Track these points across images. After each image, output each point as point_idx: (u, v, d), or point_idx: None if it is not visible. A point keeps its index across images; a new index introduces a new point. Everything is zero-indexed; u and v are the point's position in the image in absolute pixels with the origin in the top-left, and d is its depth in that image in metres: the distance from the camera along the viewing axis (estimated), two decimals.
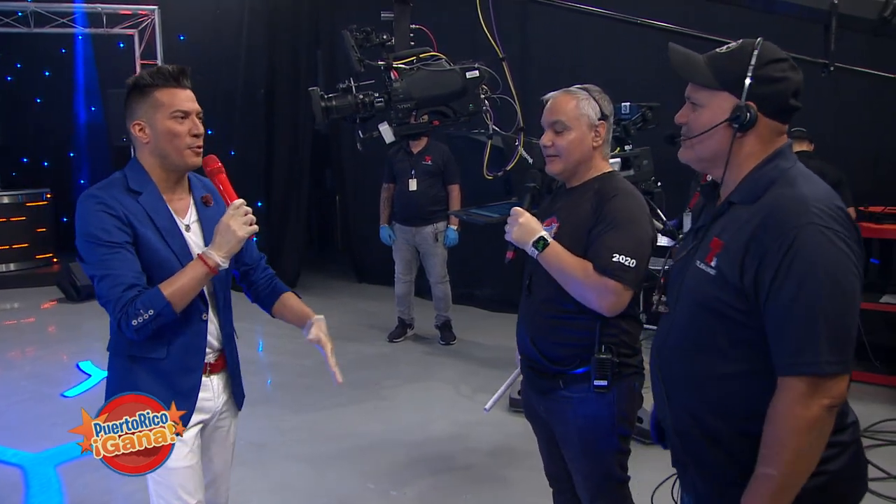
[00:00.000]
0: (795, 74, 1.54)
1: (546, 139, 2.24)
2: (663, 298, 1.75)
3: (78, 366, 5.44)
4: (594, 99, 2.24)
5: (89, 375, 5.24)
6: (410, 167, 5.60)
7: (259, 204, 7.61)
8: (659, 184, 3.41)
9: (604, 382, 2.15)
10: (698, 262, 1.58)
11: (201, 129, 2.03)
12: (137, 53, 8.22)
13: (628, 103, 3.45)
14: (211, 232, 2.04)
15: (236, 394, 2.24)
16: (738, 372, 1.52)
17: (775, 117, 1.54)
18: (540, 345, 2.26)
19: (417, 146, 5.60)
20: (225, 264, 1.97)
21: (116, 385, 2.03)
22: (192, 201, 2.12)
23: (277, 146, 7.98)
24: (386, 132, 2.28)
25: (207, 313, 2.09)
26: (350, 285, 7.89)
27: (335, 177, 8.59)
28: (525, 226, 2.18)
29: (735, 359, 1.52)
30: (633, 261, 2.09)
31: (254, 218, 2.00)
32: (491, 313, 6.69)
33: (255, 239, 2.15)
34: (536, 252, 2.16)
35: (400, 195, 5.69)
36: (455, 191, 5.66)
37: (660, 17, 2.95)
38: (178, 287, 1.92)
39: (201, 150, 2.04)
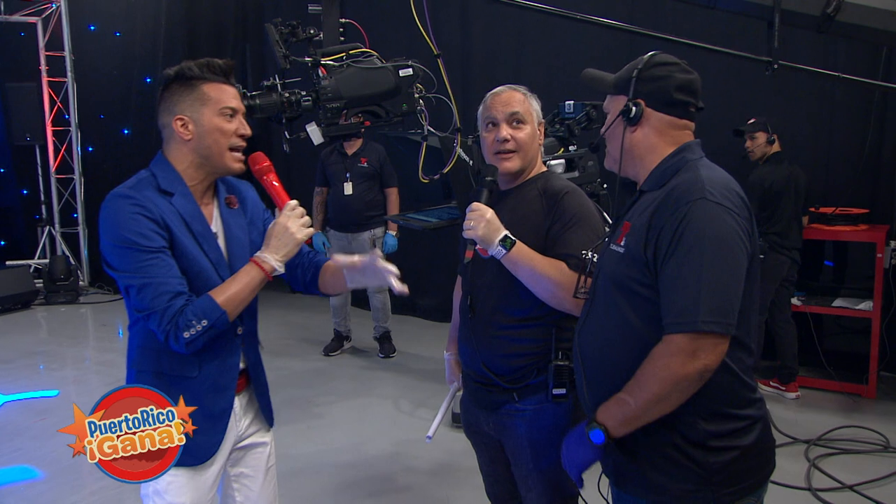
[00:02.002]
0: (682, 74, 1.80)
1: (504, 133, 2.25)
2: (586, 285, 1.98)
3: None
4: (534, 96, 2.33)
5: None
6: (345, 170, 5.60)
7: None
8: (605, 186, 3.50)
9: (562, 391, 2.19)
10: (612, 245, 1.83)
11: (249, 131, 2.01)
12: (41, 44, 8.01)
13: (572, 102, 3.52)
14: (235, 237, 2.06)
15: (264, 414, 2.22)
16: (649, 346, 1.67)
17: (664, 110, 1.80)
18: (491, 364, 2.27)
19: (352, 147, 5.61)
20: (281, 269, 1.98)
21: None
22: (216, 207, 2.08)
23: None
24: (314, 133, 2.29)
25: (242, 326, 2.06)
26: (282, 296, 7.81)
27: None
28: (493, 223, 2.15)
29: (645, 334, 1.70)
30: (596, 255, 2.14)
31: (309, 220, 2.04)
32: (433, 323, 6.74)
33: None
34: (503, 251, 2.13)
35: (334, 200, 5.68)
36: (393, 194, 5.69)
37: (604, 14, 3.04)
38: (231, 294, 1.90)
39: (243, 157, 2.01)
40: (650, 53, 1.83)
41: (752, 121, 4.95)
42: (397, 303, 6.27)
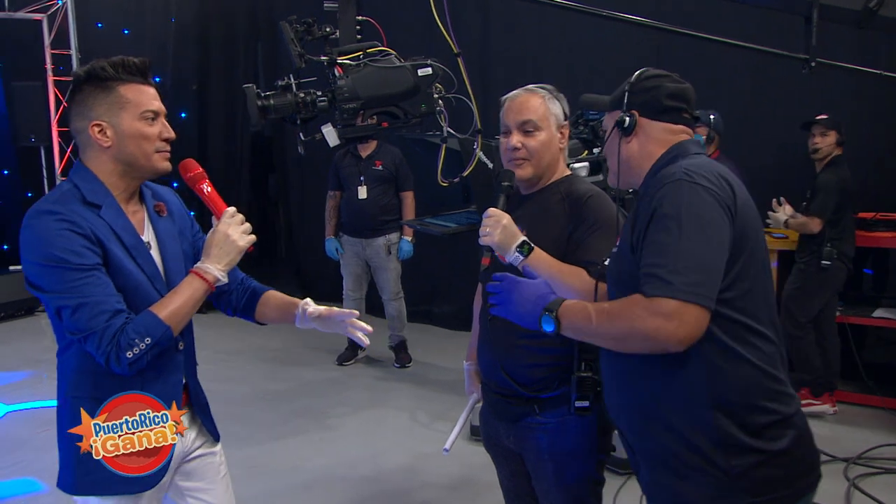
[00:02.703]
0: (673, 83, 1.91)
1: (515, 141, 2.28)
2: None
3: None
4: (556, 98, 2.33)
5: None
6: (359, 173, 5.64)
7: (191, 213, 7.57)
8: (630, 190, 3.50)
9: (585, 403, 2.19)
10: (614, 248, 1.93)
11: (173, 133, 2.00)
12: (47, 42, 8.09)
13: None
14: (169, 248, 2.05)
15: (208, 428, 2.22)
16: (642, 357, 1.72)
17: (658, 118, 1.90)
18: (512, 371, 2.29)
19: (366, 150, 5.64)
20: (225, 279, 1.98)
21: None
22: (146, 214, 2.06)
23: (212, 149, 7.95)
24: (329, 134, 2.31)
25: (183, 342, 2.05)
26: None
27: (278, 181, 8.58)
28: (509, 229, 2.18)
29: None
30: None
31: (250, 226, 2.02)
32: (451, 332, 6.75)
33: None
34: (521, 258, 2.15)
35: (348, 204, 5.72)
36: (409, 198, 5.71)
37: (629, 10, 3.04)
38: (174, 309, 1.89)
39: (169, 155, 2.01)
40: (640, 69, 1.95)
41: (823, 116, 4.84)
42: (414, 311, 6.28)
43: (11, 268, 8.14)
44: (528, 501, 2.46)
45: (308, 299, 2.23)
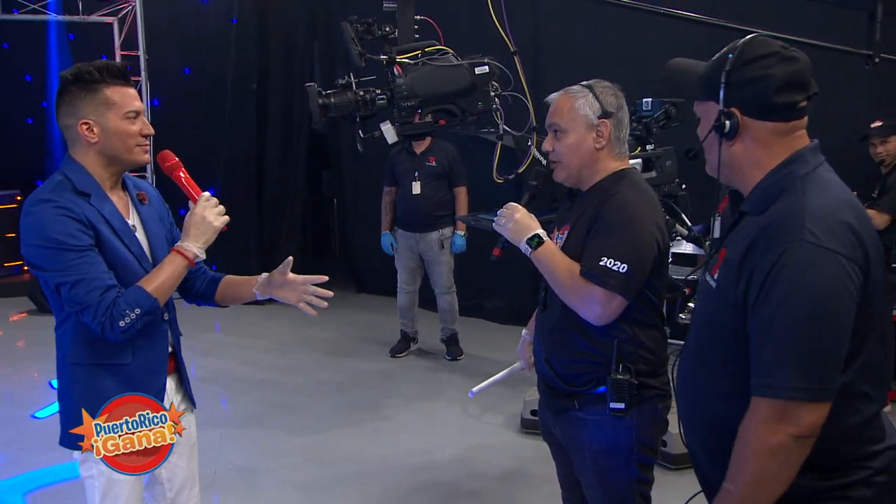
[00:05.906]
0: (783, 67, 1.52)
1: (547, 144, 2.28)
2: (690, 308, 1.85)
3: (50, 384, 5.47)
4: (594, 95, 2.22)
5: None
6: (413, 169, 5.65)
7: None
8: (684, 186, 3.45)
9: (621, 405, 2.17)
10: (707, 274, 1.66)
11: (152, 130, 2.17)
12: (117, 43, 8.26)
13: (650, 99, 3.48)
14: (153, 230, 2.24)
15: (188, 393, 2.38)
16: (730, 390, 1.57)
17: (765, 118, 1.55)
18: (555, 363, 2.29)
19: (421, 146, 5.65)
20: (202, 255, 2.15)
21: (81, 394, 2.10)
22: (129, 200, 2.24)
23: (270, 145, 8.04)
24: (388, 132, 2.33)
25: (168, 313, 2.26)
26: (348, 296, 7.93)
27: (333, 179, 8.65)
28: (521, 222, 2.25)
29: (727, 376, 1.58)
30: (625, 266, 2.08)
31: (223, 209, 2.19)
32: (501, 326, 6.73)
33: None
34: (530, 250, 2.22)
35: (403, 199, 5.74)
36: (462, 194, 5.71)
37: (685, 7, 2.99)
38: (160, 283, 2.08)
39: (148, 148, 2.18)
40: (742, 42, 1.57)
41: (878, 123, 4.69)
42: (465, 305, 6.28)
43: None
44: (579, 493, 2.44)
45: (265, 273, 2.37)
